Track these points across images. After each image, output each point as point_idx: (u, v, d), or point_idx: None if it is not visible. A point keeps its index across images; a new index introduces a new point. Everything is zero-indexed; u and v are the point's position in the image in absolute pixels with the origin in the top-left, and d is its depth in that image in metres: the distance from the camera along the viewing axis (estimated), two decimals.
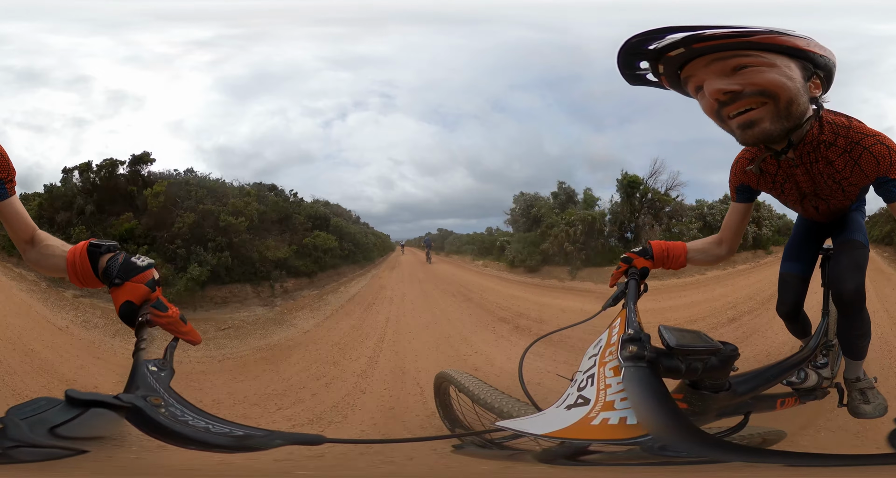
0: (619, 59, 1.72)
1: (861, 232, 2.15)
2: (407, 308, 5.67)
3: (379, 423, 3.46)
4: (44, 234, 1.57)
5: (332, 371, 4.20)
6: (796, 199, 2.03)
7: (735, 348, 1.43)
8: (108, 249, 1.41)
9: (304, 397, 3.81)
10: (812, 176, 1.89)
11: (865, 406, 2.15)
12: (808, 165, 1.86)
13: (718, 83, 1.61)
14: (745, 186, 2.04)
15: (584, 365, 1.44)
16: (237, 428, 1.07)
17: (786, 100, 1.63)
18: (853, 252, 2.08)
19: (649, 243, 2.02)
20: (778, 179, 1.97)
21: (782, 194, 2.04)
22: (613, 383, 1.27)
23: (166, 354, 1.31)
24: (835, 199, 1.97)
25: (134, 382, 1.17)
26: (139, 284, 1.36)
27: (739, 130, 1.67)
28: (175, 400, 1.12)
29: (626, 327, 1.44)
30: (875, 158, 1.74)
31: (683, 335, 1.39)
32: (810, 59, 1.66)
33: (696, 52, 1.61)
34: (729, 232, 2.09)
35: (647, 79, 1.78)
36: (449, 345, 4.66)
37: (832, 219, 2.17)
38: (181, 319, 1.41)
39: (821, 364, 2.12)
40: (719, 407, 1.58)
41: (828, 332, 2.18)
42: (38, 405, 1.05)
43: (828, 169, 1.84)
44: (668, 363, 1.33)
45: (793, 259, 2.29)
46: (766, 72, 1.60)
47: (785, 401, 1.99)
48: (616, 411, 1.19)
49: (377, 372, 4.15)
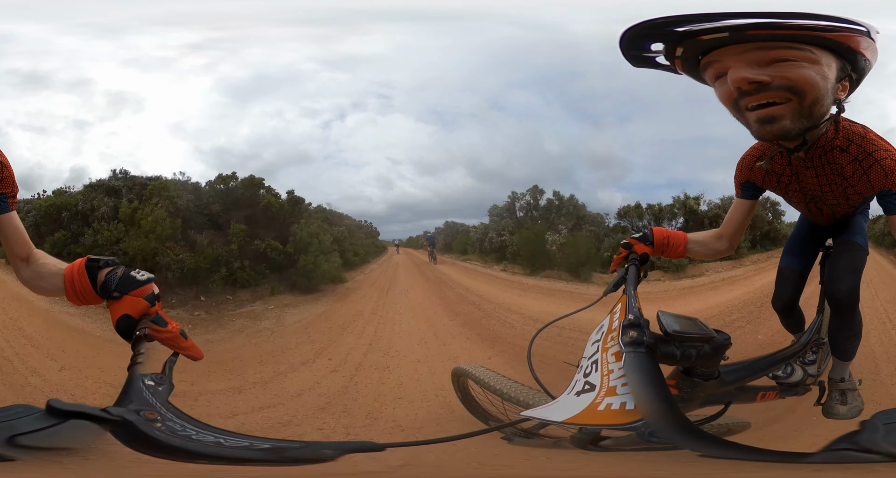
0: (626, 38, 1.64)
1: (862, 235, 2.15)
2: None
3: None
4: (40, 252, 1.54)
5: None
6: (801, 200, 2.02)
7: (727, 337, 1.46)
8: (106, 263, 1.39)
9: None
10: (819, 179, 1.88)
11: (841, 407, 2.18)
12: (818, 168, 1.85)
13: (747, 72, 1.56)
14: (750, 183, 2.03)
15: (588, 351, 1.47)
16: (260, 441, 1.04)
17: (811, 99, 1.60)
18: (851, 254, 2.09)
19: (650, 229, 2.01)
20: (783, 180, 1.96)
21: (787, 195, 2.03)
22: (615, 368, 1.31)
23: (165, 368, 1.29)
24: (839, 205, 1.97)
25: (127, 396, 1.15)
26: (138, 298, 1.34)
27: (757, 124, 1.64)
28: (174, 415, 1.09)
29: (627, 313, 1.45)
30: (884, 172, 1.75)
31: (681, 322, 1.43)
32: (854, 62, 1.62)
33: (744, 38, 1.54)
34: (730, 228, 2.09)
35: (654, 61, 1.72)
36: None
37: (835, 222, 2.17)
38: (181, 335, 1.39)
39: (809, 361, 2.15)
40: (706, 395, 1.61)
41: (820, 329, 2.20)
42: (12, 412, 1.03)
43: (836, 175, 1.83)
44: (664, 349, 1.36)
45: (793, 254, 2.30)
46: (805, 68, 1.56)
47: (766, 394, 2.02)
48: (618, 396, 1.23)
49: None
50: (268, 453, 1.02)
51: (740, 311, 4.41)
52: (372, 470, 1.07)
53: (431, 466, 1.19)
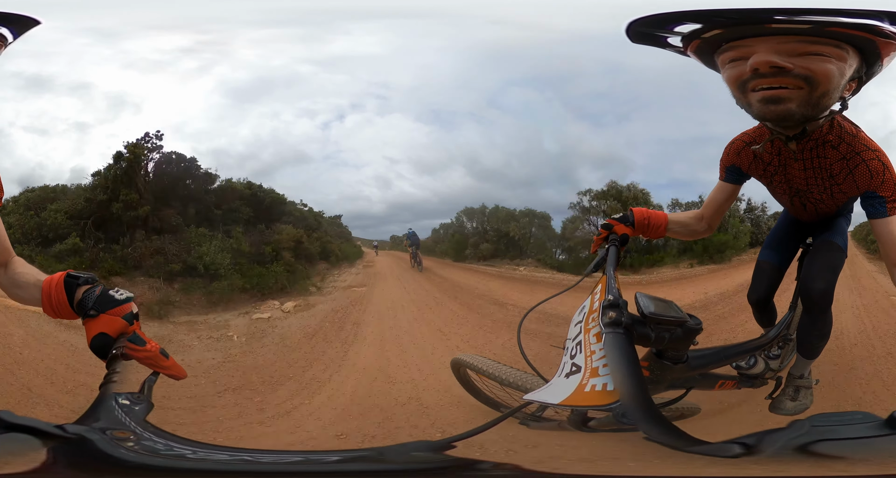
0: (653, 18, 1.64)
1: (842, 236, 2.17)
2: None
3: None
4: (20, 260, 1.50)
5: None
6: (784, 192, 2.03)
7: (699, 322, 1.48)
8: (85, 280, 1.38)
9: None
10: (806, 173, 1.89)
11: (789, 402, 2.24)
12: (807, 161, 1.86)
13: (772, 56, 1.55)
14: (735, 167, 2.03)
15: (571, 332, 1.49)
16: (289, 455, 1.06)
17: (822, 91, 1.60)
18: (830, 254, 2.11)
19: (631, 210, 2.01)
20: (770, 169, 1.97)
21: (771, 185, 2.04)
22: (597, 349, 1.32)
23: (143, 388, 1.28)
24: (822, 203, 1.98)
25: (94, 414, 1.13)
26: (116, 317, 1.33)
27: (761, 103, 1.63)
28: (153, 434, 1.08)
29: (607, 293, 1.46)
30: (870, 172, 1.77)
31: (657, 304, 1.45)
32: (872, 66, 1.64)
33: (821, 33, 1.54)
34: (710, 209, 2.11)
35: (660, 40, 1.71)
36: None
37: (817, 219, 2.18)
38: (162, 354, 1.37)
39: (773, 355, 2.19)
40: (672, 378, 1.63)
41: (790, 325, 2.23)
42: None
43: (824, 170, 1.85)
44: (640, 330, 1.38)
45: (772, 249, 2.31)
46: (829, 62, 1.56)
47: (724, 383, 2.07)
48: (600, 377, 1.24)
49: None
50: (311, 464, 1.04)
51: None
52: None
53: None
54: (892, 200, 1.77)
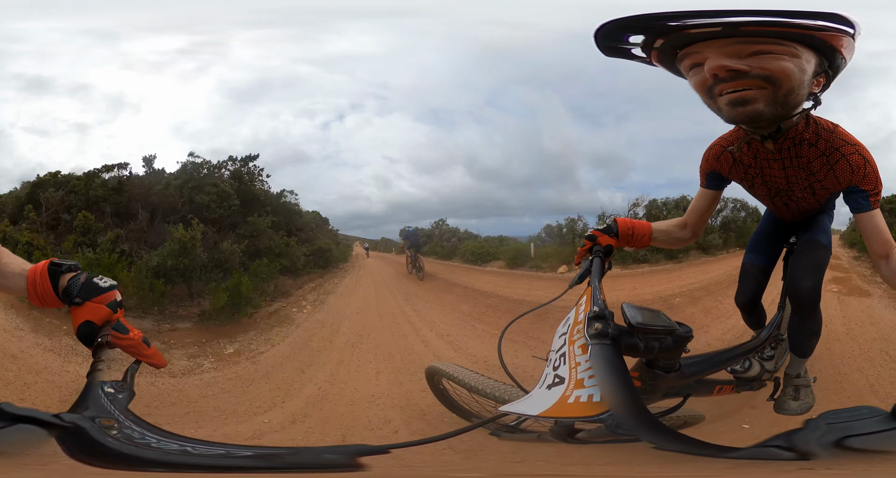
0: (605, 29, 1.63)
1: (826, 234, 2.18)
2: None
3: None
4: (4, 251, 1.50)
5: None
6: (766, 193, 2.04)
7: (689, 330, 1.47)
8: (69, 268, 1.39)
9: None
10: (787, 172, 1.90)
11: (792, 402, 2.23)
12: (786, 160, 1.87)
13: (725, 60, 1.56)
14: (715, 172, 2.04)
15: (555, 344, 1.47)
16: (239, 449, 1.03)
17: (786, 89, 1.61)
18: (815, 252, 2.12)
19: (615, 221, 2.01)
20: (750, 172, 1.98)
21: (752, 187, 2.05)
22: (582, 361, 1.30)
23: (126, 376, 1.29)
24: (804, 201, 1.99)
25: (84, 402, 1.15)
26: (100, 305, 1.34)
27: (729, 106, 1.64)
28: (133, 422, 1.09)
29: (592, 305, 1.45)
30: (851, 167, 1.77)
31: (644, 314, 1.43)
32: (832, 59, 1.63)
33: (736, 33, 1.54)
34: (694, 216, 2.12)
35: (628, 52, 1.71)
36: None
37: (800, 218, 2.19)
38: (144, 342, 1.38)
39: (767, 356, 2.18)
40: (667, 387, 1.62)
41: (780, 326, 2.23)
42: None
43: (803, 168, 1.85)
44: (628, 341, 1.36)
45: (757, 251, 2.32)
46: (784, 60, 1.56)
47: (722, 388, 2.05)
48: (585, 388, 1.23)
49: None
50: (254, 460, 1.00)
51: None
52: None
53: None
54: (874, 194, 1.77)
